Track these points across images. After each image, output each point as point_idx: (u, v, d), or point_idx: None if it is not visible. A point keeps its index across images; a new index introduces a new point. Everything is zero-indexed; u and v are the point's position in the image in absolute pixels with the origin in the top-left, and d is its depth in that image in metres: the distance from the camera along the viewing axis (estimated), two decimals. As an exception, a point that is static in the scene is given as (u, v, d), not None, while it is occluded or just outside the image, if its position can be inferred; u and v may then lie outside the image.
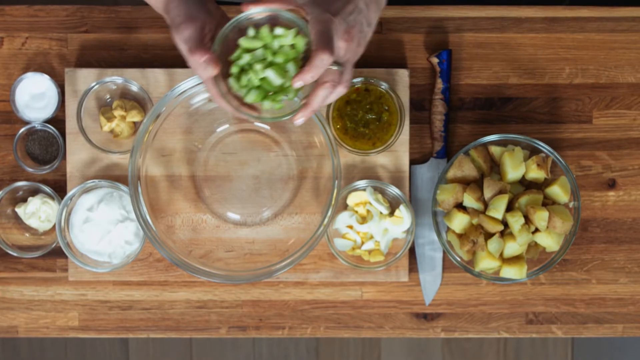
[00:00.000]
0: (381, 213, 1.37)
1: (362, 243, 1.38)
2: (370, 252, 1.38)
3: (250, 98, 1.07)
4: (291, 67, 1.06)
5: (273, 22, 1.06)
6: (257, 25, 1.07)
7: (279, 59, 1.05)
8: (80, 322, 1.42)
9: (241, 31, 1.08)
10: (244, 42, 1.06)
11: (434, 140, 1.40)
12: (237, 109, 1.08)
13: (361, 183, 1.37)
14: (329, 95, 1.05)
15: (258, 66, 1.05)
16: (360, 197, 1.37)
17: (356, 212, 1.38)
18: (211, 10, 1.10)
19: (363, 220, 1.37)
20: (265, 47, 1.06)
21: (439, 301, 1.42)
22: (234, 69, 1.07)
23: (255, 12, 1.06)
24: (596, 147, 1.41)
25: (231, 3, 1.41)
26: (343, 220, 1.38)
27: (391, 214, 1.38)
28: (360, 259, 1.39)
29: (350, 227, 1.38)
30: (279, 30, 1.06)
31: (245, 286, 1.41)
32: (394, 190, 1.36)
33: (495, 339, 2.38)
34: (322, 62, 1.01)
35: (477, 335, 1.43)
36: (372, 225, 1.36)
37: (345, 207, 1.39)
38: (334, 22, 1.03)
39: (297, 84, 1.03)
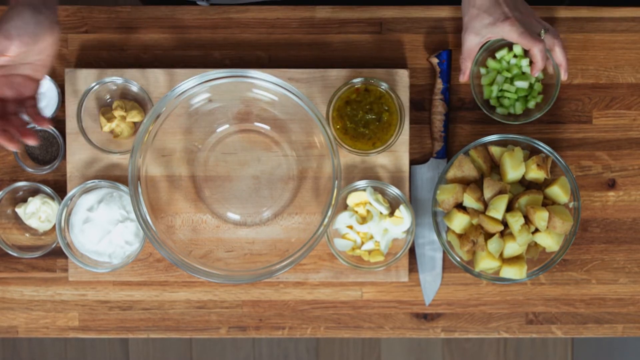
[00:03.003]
0: (381, 213, 1.36)
1: (362, 243, 1.38)
2: (370, 252, 1.38)
3: (520, 110, 1.37)
4: (527, 69, 1.36)
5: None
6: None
7: (515, 70, 1.36)
8: (80, 322, 1.42)
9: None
10: (492, 64, 1.37)
11: (434, 141, 1.40)
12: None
13: (361, 183, 1.37)
14: (561, 44, 1.33)
15: (507, 86, 1.36)
16: (360, 197, 1.37)
17: (356, 212, 1.38)
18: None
19: (363, 220, 1.37)
20: (498, 72, 1.37)
21: (439, 301, 1.42)
22: (494, 102, 1.39)
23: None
24: (596, 147, 1.41)
25: (231, 3, 1.41)
26: (343, 220, 1.38)
27: (391, 214, 1.38)
28: (360, 259, 1.39)
29: (350, 227, 1.38)
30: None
31: (245, 286, 1.41)
32: (394, 190, 1.36)
33: (495, 339, 2.38)
34: (540, 51, 1.29)
35: (477, 335, 1.43)
36: (372, 226, 1.36)
37: (345, 207, 1.39)
38: (515, 21, 1.29)
39: (536, 73, 1.33)
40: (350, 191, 1.37)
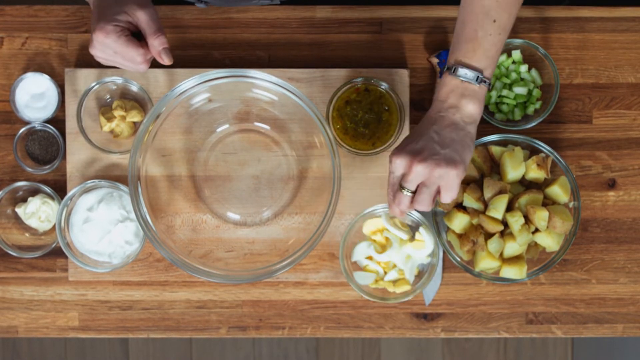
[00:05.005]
0: (401, 239, 1.31)
1: (385, 273, 1.33)
2: (395, 282, 1.33)
3: (518, 116, 1.37)
4: (526, 76, 1.37)
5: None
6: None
7: (514, 76, 1.36)
8: (80, 322, 1.42)
9: None
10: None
11: (434, 140, 1.39)
12: None
13: (376, 208, 1.31)
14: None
15: (506, 92, 1.35)
16: (377, 224, 1.32)
17: (374, 241, 1.33)
18: None
19: (382, 248, 1.32)
20: (497, 78, 1.37)
21: (439, 301, 1.42)
22: (492, 108, 1.38)
23: None
24: (596, 147, 1.41)
25: (231, 3, 1.41)
26: (361, 251, 1.32)
27: (412, 238, 1.33)
28: (385, 291, 1.33)
29: (370, 258, 1.33)
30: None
31: (245, 286, 1.41)
32: (411, 212, 1.29)
33: (495, 339, 2.38)
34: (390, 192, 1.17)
35: (477, 335, 1.43)
36: (393, 253, 1.31)
37: (362, 237, 1.34)
38: (399, 153, 1.13)
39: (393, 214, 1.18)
40: (365, 218, 1.32)
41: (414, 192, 1.14)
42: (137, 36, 1.19)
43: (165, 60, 1.19)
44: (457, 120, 1.14)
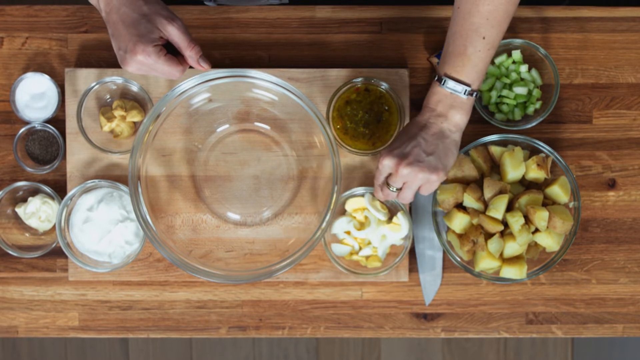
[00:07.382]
0: (379, 220, 1.36)
1: (360, 249, 1.38)
2: (367, 258, 1.38)
3: (518, 116, 1.37)
4: (526, 76, 1.37)
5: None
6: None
7: (514, 76, 1.36)
8: (80, 322, 1.42)
9: None
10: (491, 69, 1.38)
11: (434, 140, 1.39)
12: None
13: (359, 189, 1.36)
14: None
15: (506, 92, 1.36)
16: (359, 203, 1.37)
17: (354, 217, 1.38)
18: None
19: (361, 226, 1.37)
20: (497, 78, 1.37)
21: (439, 301, 1.42)
22: (492, 108, 1.39)
23: None
24: (596, 147, 1.41)
25: (239, 2, 1.41)
26: (341, 226, 1.37)
27: (389, 220, 1.37)
28: (358, 264, 1.38)
29: (348, 232, 1.38)
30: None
31: (245, 286, 1.41)
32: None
33: (495, 339, 2.38)
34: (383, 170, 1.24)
35: (477, 335, 1.43)
36: (370, 232, 1.36)
37: (343, 212, 1.38)
38: (388, 155, 1.21)
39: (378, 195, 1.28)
40: (349, 197, 1.37)
41: (399, 189, 1.25)
42: (167, 47, 1.19)
43: (205, 66, 1.21)
44: (444, 128, 1.22)
